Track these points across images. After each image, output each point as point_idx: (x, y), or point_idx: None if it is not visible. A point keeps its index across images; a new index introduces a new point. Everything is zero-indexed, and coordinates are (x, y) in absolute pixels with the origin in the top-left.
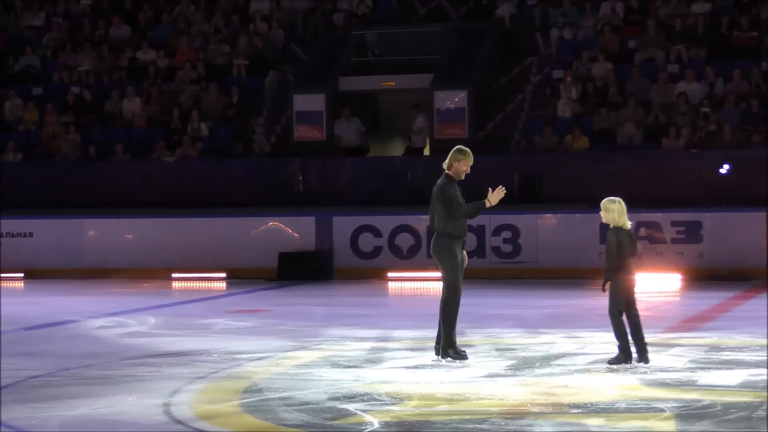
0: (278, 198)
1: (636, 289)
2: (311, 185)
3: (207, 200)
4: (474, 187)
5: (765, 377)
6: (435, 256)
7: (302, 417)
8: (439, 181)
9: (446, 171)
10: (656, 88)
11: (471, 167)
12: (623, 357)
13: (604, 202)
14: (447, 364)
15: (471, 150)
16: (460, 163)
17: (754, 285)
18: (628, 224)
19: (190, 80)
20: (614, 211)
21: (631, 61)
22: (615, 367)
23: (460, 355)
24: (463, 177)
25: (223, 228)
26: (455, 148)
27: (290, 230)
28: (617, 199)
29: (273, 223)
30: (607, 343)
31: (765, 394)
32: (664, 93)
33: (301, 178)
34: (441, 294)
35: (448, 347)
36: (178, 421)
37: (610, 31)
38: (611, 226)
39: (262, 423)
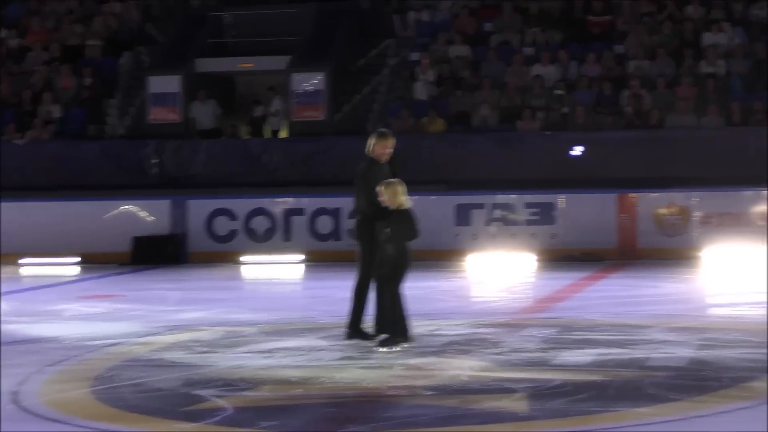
0: (132, 181)
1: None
2: (166, 168)
3: (59, 183)
4: (332, 168)
5: (614, 356)
6: (357, 238)
7: (154, 404)
8: (362, 164)
9: (367, 154)
10: (512, 70)
11: (330, 150)
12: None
13: (380, 185)
14: (298, 348)
15: (327, 132)
16: (376, 145)
17: (605, 265)
18: (406, 204)
19: (43, 61)
20: (385, 194)
21: (487, 43)
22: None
23: (366, 335)
24: (383, 160)
25: (75, 212)
26: (375, 131)
27: (144, 214)
28: (393, 180)
29: (126, 207)
30: (460, 324)
31: (614, 372)
32: (519, 75)
33: (155, 160)
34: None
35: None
36: (27, 410)
37: (467, 13)
38: (391, 208)
39: (114, 410)
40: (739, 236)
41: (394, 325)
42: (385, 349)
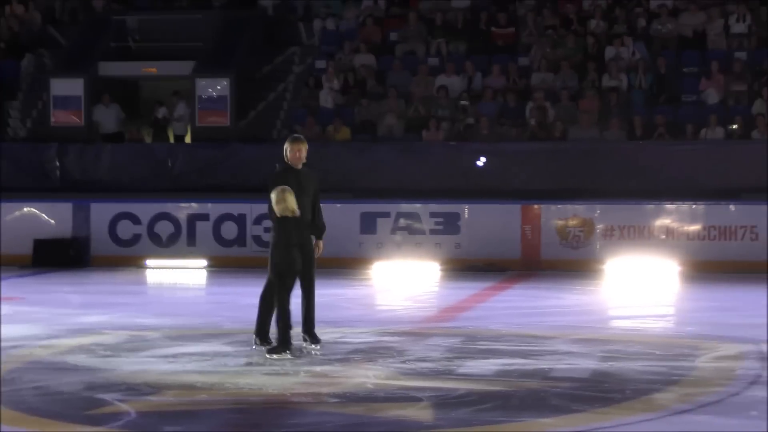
0: (35, 184)
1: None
2: (69, 172)
3: None
4: (237, 174)
5: (518, 367)
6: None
7: (57, 407)
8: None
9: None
10: (417, 80)
11: (235, 156)
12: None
13: (272, 192)
14: (202, 353)
15: (232, 138)
16: (289, 151)
17: (508, 276)
18: (295, 212)
19: None
20: (274, 200)
21: (393, 53)
22: (276, 357)
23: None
24: (299, 165)
25: None
26: (289, 136)
27: (46, 216)
28: (282, 187)
29: (28, 209)
30: (366, 332)
31: (518, 383)
32: (424, 85)
33: (58, 164)
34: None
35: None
36: None
37: (373, 23)
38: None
39: (15, 414)
40: (641, 249)
41: (280, 333)
42: (274, 357)
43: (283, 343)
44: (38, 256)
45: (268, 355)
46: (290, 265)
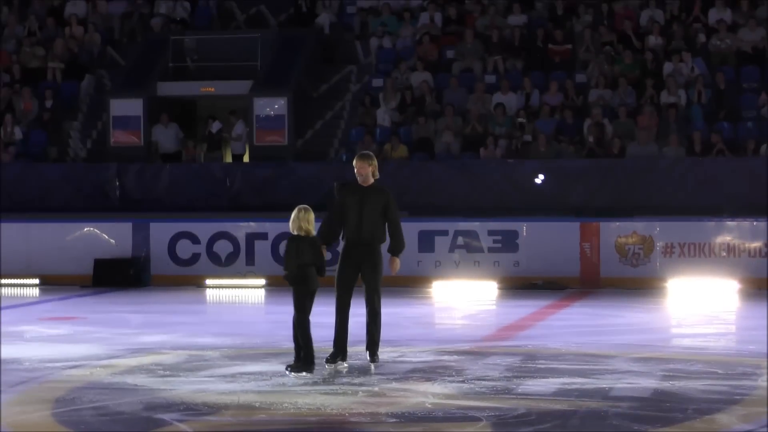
0: (94, 204)
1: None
2: (128, 191)
3: (20, 206)
4: (294, 193)
5: (578, 386)
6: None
7: (116, 427)
8: None
9: None
10: (474, 98)
11: (292, 174)
12: (306, 365)
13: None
14: (261, 372)
15: (289, 157)
16: (354, 168)
17: (567, 294)
18: (312, 232)
19: (3, 83)
20: (291, 220)
21: (449, 70)
22: (293, 374)
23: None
24: (365, 182)
25: (36, 233)
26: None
27: (106, 236)
28: (302, 207)
29: (88, 229)
30: (424, 351)
31: (578, 402)
32: (481, 103)
33: (117, 183)
34: (372, 301)
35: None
36: None
37: (429, 40)
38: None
39: None
40: (702, 266)
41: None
42: (292, 374)
43: (305, 361)
44: (99, 275)
45: (291, 372)
46: (301, 284)
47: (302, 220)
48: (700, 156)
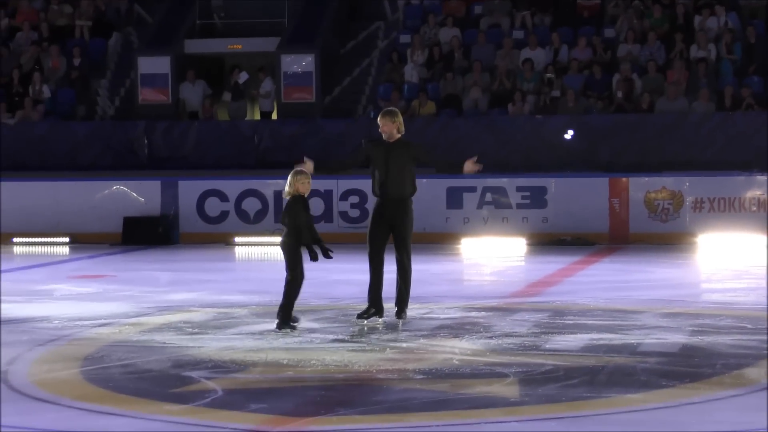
0: (123, 162)
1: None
2: (156, 149)
3: (49, 164)
4: (322, 150)
5: (606, 341)
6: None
7: (144, 385)
8: None
9: None
10: (501, 53)
11: (320, 131)
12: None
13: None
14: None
15: (317, 114)
16: (379, 124)
17: (596, 250)
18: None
19: (31, 41)
20: (287, 183)
21: (477, 26)
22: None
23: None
24: (391, 138)
25: (65, 192)
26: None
27: (135, 194)
28: (297, 169)
29: (117, 187)
30: (452, 307)
31: (606, 358)
32: (509, 59)
33: (146, 141)
34: (402, 258)
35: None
36: (15, 390)
37: None
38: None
39: (103, 391)
40: (731, 221)
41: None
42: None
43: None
44: (128, 233)
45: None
46: (287, 245)
47: (297, 183)
48: (730, 111)
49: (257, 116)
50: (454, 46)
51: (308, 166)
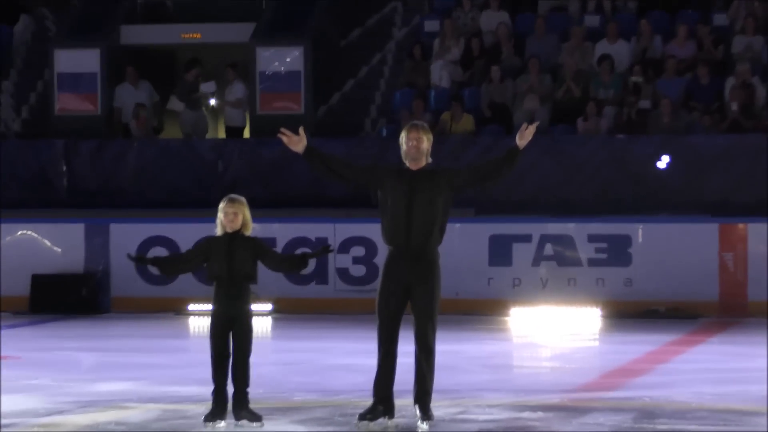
0: (32, 197)
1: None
2: (80, 179)
3: None
4: (312, 183)
5: None
6: None
7: None
8: None
9: None
10: (569, 48)
11: None
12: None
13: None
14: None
15: (308, 130)
16: (404, 142)
17: (701, 325)
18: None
19: None
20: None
21: (534, 9)
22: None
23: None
24: (418, 161)
25: None
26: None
27: (48, 243)
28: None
29: (24, 232)
30: (496, 405)
31: None
32: (579, 55)
33: (65, 168)
34: (425, 335)
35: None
36: None
37: None
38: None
39: None
40: None
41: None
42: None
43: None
44: (37, 298)
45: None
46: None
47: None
48: None
49: (222, 133)
50: (500, 36)
51: (294, 140)
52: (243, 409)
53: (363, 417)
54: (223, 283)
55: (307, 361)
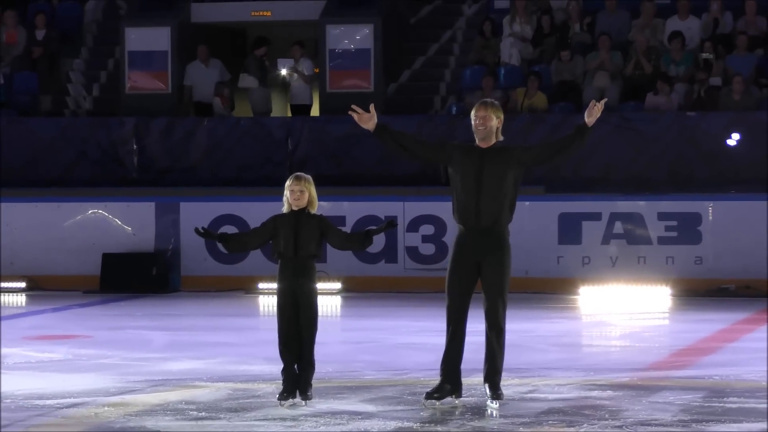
0: (103, 176)
1: None
2: (150, 158)
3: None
4: (380, 160)
5: None
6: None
7: None
8: None
9: None
10: (639, 24)
11: None
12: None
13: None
14: (333, 413)
15: (377, 109)
16: (472, 120)
17: None
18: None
19: None
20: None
21: None
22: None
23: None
24: (487, 140)
25: (21, 217)
26: None
27: (119, 221)
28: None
29: (94, 211)
30: (566, 384)
31: None
32: (649, 32)
33: (135, 147)
34: (495, 313)
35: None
36: None
37: None
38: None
39: None
40: None
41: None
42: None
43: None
44: (108, 277)
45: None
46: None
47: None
48: None
49: (288, 112)
50: (571, 13)
51: (365, 118)
52: (306, 389)
53: (430, 396)
54: (288, 261)
55: (376, 340)
